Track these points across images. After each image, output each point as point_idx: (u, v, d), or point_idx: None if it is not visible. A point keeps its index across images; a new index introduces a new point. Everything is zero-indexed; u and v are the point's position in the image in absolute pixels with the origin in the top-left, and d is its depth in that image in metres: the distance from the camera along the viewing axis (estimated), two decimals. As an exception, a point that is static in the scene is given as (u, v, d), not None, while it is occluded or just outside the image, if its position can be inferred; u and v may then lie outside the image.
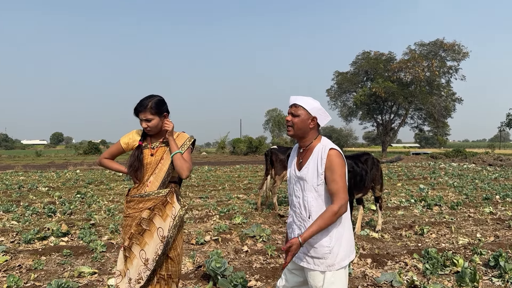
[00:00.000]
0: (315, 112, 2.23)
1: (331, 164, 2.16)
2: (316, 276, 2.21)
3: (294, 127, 2.25)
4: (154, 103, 2.61)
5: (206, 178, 15.12)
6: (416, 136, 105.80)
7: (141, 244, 2.63)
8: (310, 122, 2.23)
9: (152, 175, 2.66)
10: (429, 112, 40.71)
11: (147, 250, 2.63)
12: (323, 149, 2.21)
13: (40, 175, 17.01)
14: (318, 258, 2.20)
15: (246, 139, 42.21)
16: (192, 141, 2.80)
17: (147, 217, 2.64)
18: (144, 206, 2.64)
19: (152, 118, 2.61)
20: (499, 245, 5.36)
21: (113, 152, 2.81)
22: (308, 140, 2.28)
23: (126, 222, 2.70)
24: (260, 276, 4.23)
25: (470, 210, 8.18)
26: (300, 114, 2.22)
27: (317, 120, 2.24)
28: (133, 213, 2.65)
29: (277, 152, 7.95)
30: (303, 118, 2.22)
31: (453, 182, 13.39)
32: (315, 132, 2.28)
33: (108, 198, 9.83)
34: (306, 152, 2.29)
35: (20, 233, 6.02)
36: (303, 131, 2.25)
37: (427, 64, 38.79)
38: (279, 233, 6.10)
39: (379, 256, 4.85)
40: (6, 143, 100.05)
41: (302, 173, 2.26)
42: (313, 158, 2.23)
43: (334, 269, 2.19)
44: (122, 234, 2.75)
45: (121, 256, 2.73)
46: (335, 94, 45.13)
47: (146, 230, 2.63)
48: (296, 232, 2.30)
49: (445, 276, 4.23)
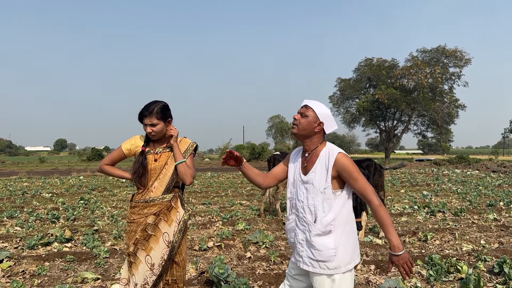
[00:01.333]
0: (324, 118, 2.25)
1: (344, 166, 2.18)
2: (323, 281, 2.20)
3: (299, 126, 2.27)
4: (160, 108, 2.65)
5: (209, 184, 15.13)
6: (419, 142, 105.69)
7: (146, 250, 2.63)
8: (316, 126, 2.25)
9: (156, 181, 2.67)
10: (432, 118, 40.70)
11: (153, 256, 2.63)
12: (329, 152, 2.23)
13: (43, 181, 17.07)
14: (324, 262, 2.19)
15: (249, 146, 42.27)
16: (194, 147, 2.83)
17: (152, 223, 2.64)
18: (149, 211, 2.65)
19: (157, 123, 2.63)
20: (504, 251, 5.33)
21: (114, 158, 2.77)
22: (313, 144, 2.29)
23: (131, 227, 2.68)
24: (263, 282, 4.22)
25: (474, 216, 8.15)
26: (309, 116, 2.24)
27: (323, 125, 2.26)
28: (138, 218, 2.65)
29: (280, 159, 7.93)
30: (310, 120, 2.24)
31: (456, 189, 13.33)
32: (321, 137, 2.30)
33: (112, 204, 9.85)
34: (311, 156, 2.30)
35: (23, 239, 6.04)
36: (306, 132, 2.26)
37: (430, 70, 38.86)
38: (282, 239, 6.09)
39: (383, 263, 4.83)
40: (10, 149, 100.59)
41: (308, 177, 2.27)
42: (320, 162, 2.24)
43: (341, 272, 2.18)
44: (126, 240, 2.73)
45: (126, 264, 2.73)
46: (338, 101, 45.21)
47: (152, 236, 2.63)
48: (300, 237, 2.29)
49: (449, 283, 4.21)
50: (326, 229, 2.19)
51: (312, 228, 2.22)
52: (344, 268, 2.19)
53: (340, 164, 2.18)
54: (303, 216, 2.28)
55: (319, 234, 2.20)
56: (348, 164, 2.18)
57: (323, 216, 2.20)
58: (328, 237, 2.19)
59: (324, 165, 2.22)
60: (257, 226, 7.17)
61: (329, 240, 2.19)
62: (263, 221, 7.62)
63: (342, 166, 2.18)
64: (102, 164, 2.79)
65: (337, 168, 2.19)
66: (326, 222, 2.19)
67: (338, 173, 2.20)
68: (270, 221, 7.62)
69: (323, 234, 2.20)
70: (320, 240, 2.19)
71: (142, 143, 2.74)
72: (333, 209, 2.20)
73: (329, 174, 2.19)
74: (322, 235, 2.20)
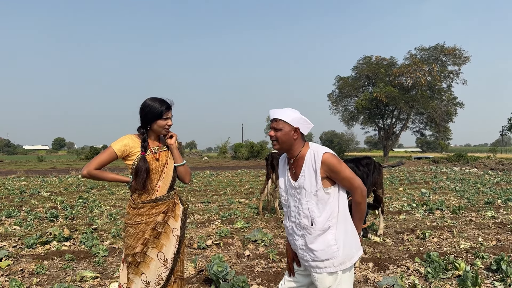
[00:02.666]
0: (296, 123, 2.24)
1: (331, 167, 2.19)
2: (324, 278, 2.22)
3: (278, 141, 2.26)
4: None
5: (207, 183, 15.13)
6: (417, 140, 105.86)
7: (157, 247, 2.64)
8: (293, 134, 2.24)
9: (160, 180, 2.67)
10: (431, 116, 40.70)
11: (165, 252, 2.66)
12: (314, 154, 2.23)
13: (42, 180, 17.05)
14: (329, 259, 2.21)
15: (248, 144, 42.21)
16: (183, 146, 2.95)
17: (162, 220, 2.66)
18: (158, 210, 2.66)
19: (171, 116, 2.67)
20: (501, 249, 5.35)
21: (104, 161, 2.55)
22: (296, 151, 2.29)
23: (139, 229, 2.63)
24: (262, 280, 4.23)
25: (472, 214, 8.17)
26: (282, 128, 2.23)
27: (299, 130, 2.26)
28: (146, 219, 2.63)
29: (278, 157, 7.94)
30: (285, 131, 2.23)
31: (455, 187, 13.37)
32: (301, 141, 2.29)
33: (110, 203, 9.84)
34: (297, 161, 2.30)
35: (22, 238, 6.04)
36: (288, 144, 2.26)
37: (428, 68, 38.87)
38: (280, 238, 6.10)
39: (381, 260, 4.85)
40: (8, 148, 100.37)
41: (299, 182, 2.27)
42: (307, 165, 2.24)
43: (344, 267, 2.21)
44: (131, 241, 2.63)
45: (124, 269, 2.68)
46: (337, 99, 45.17)
47: (162, 233, 2.66)
48: (299, 243, 2.30)
49: (447, 280, 4.22)
50: (325, 226, 2.21)
51: (311, 231, 2.23)
52: (349, 263, 2.22)
53: (326, 164, 2.19)
54: (299, 222, 2.29)
55: (319, 234, 2.22)
56: (335, 164, 2.19)
57: (319, 216, 2.22)
58: (328, 233, 2.21)
59: (311, 168, 2.22)
60: (255, 224, 7.18)
61: (329, 237, 2.21)
62: (262, 219, 7.63)
63: (328, 167, 2.19)
64: (91, 169, 2.51)
65: (325, 169, 2.20)
66: (323, 221, 2.21)
67: (326, 173, 2.21)
68: (269, 219, 7.63)
69: (322, 232, 2.21)
70: (321, 239, 2.21)
71: (135, 143, 2.63)
72: (328, 206, 2.22)
73: (319, 176, 2.20)
74: (322, 233, 2.21)
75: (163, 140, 2.76)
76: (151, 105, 2.58)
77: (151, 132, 2.66)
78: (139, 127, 2.66)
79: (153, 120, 2.59)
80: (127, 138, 2.63)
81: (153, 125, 2.62)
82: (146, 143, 2.64)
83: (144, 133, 2.64)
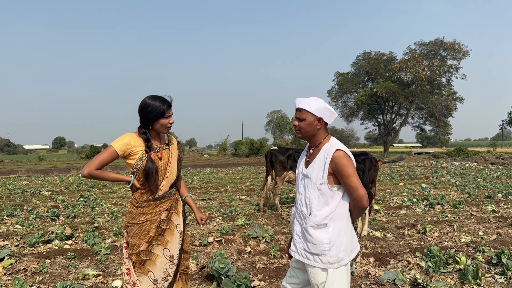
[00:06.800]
0: (320, 112, 2.24)
1: (338, 165, 2.18)
2: (317, 274, 2.24)
3: (301, 131, 2.29)
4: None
5: (208, 180, 15.15)
6: (417, 135, 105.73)
7: (163, 244, 2.65)
8: (316, 124, 2.26)
9: (164, 180, 2.65)
10: (431, 111, 40.70)
11: (170, 248, 2.67)
12: (329, 149, 2.23)
13: (43, 179, 17.07)
14: (318, 255, 2.22)
15: (248, 141, 42.23)
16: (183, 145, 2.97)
17: (166, 217, 2.67)
18: (162, 208, 2.65)
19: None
20: (502, 242, 5.37)
21: (104, 160, 2.48)
22: (317, 140, 2.31)
23: (143, 227, 2.61)
24: (263, 276, 4.25)
25: (472, 208, 8.19)
26: (306, 118, 2.25)
27: (323, 119, 2.27)
28: (151, 217, 2.62)
29: (277, 153, 7.91)
30: (309, 121, 2.25)
31: (455, 181, 13.38)
32: (324, 132, 2.31)
33: (111, 201, 9.86)
34: (315, 151, 2.33)
35: (24, 237, 6.06)
36: (311, 133, 2.29)
37: (428, 63, 38.81)
38: (282, 234, 6.12)
39: (382, 255, 4.87)
40: (8, 148, 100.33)
41: (308, 171, 2.30)
42: (319, 157, 2.26)
43: (334, 267, 2.21)
44: (136, 241, 2.60)
45: (131, 266, 2.65)
46: (336, 95, 45.15)
47: (166, 229, 2.66)
48: (297, 228, 2.35)
49: (448, 274, 4.24)
50: (321, 223, 2.22)
51: (307, 220, 2.26)
52: (337, 265, 2.22)
53: (335, 161, 2.19)
54: (301, 209, 2.33)
55: (313, 226, 2.23)
56: (343, 165, 2.17)
57: (317, 210, 2.23)
58: (323, 231, 2.22)
59: (322, 161, 2.24)
60: (256, 221, 7.19)
61: (324, 235, 2.21)
62: (263, 216, 7.65)
63: (336, 164, 2.19)
64: (92, 169, 2.45)
65: (332, 166, 2.20)
66: (321, 217, 2.22)
67: (333, 170, 2.21)
68: (270, 216, 7.64)
69: (317, 227, 2.22)
70: (315, 233, 2.22)
71: (136, 142, 2.56)
72: (329, 204, 2.23)
73: (326, 170, 2.21)
74: (317, 228, 2.22)
75: (163, 138, 2.73)
76: (152, 104, 2.52)
77: (152, 131, 2.62)
78: (139, 126, 2.60)
79: (155, 119, 2.54)
80: (127, 137, 2.56)
81: (155, 124, 2.56)
82: (150, 143, 2.58)
83: (146, 133, 2.58)
